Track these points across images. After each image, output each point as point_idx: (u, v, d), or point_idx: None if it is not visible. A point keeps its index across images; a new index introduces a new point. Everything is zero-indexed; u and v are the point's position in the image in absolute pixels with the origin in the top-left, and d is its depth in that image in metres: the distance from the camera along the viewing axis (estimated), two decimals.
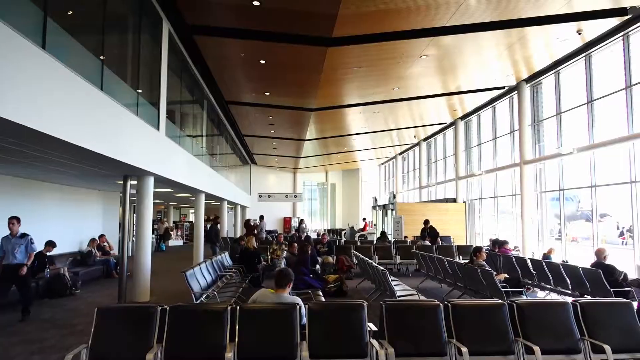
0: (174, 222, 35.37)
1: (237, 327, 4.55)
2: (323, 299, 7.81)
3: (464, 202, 22.22)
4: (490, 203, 20.90)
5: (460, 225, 21.47)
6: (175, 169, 11.79)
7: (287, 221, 36.67)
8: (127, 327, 4.53)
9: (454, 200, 22.87)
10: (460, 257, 14.34)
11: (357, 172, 40.35)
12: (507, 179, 19.10)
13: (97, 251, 14.56)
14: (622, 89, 12.49)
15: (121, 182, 10.86)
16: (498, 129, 19.80)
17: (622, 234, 13.36)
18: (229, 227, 26.93)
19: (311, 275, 10.07)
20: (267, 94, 16.33)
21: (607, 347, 4.45)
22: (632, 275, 10.18)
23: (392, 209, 23.67)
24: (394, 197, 28.11)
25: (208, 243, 17.58)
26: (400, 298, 7.68)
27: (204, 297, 8.06)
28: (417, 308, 5.01)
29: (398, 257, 14.74)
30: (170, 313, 4.61)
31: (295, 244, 11.97)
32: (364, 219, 30.17)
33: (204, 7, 10.15)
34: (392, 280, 8.86)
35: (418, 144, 29.28)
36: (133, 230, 16.15)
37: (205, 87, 15.75)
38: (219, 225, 18.86)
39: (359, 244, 17.28)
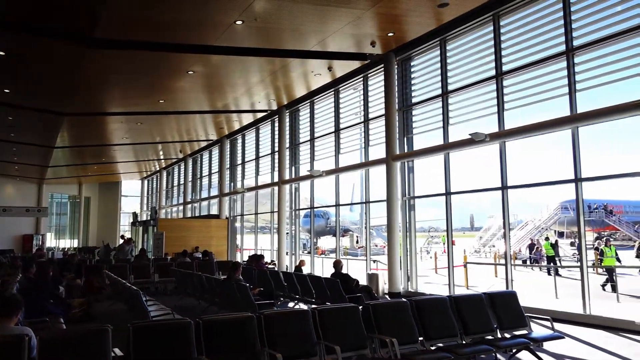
0: None
1: None
2: (64, 327, 6.99)
3: (227, 218, 22.73)
4: (252, 219, 21.87)
5: (222, 241, 21.81)
6: None
7: (27, 239, 31.72)
8: None
9: (217, 217, 23.21)
10: (220, 272, 14.55)
11: (117, 185, 37.62)
12: (267, 197, 20.29)
13: None
14: (361, 122, 14.60)
15: None
16: (261, 149, 20.95)
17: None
18: None
19: (52, 301, 8.90)
20: (7, 91, 14.00)
21: (337, 348, 5.05)
22: (363, 281, 11.86)
23: (154, 225, 22.71)
24: (156, 212, 27.07)
25: None
26: (154, 319, 7.37)
27: None
28: (168, 328, 4.88)
29: (157, 275, 14.16)
30: None
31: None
32: (122, 236, 28.15)
33: None
34: (148, 300, 8.46)
35: (184, 159, 28.91)
36: None
37: None
38: None
39: (113, 262, 16.04)
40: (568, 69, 9.17)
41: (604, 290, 13.63)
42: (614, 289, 12.71)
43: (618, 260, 15.07)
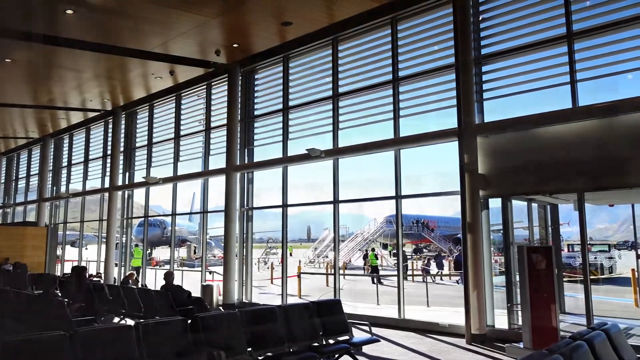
0: None
1: None
2: None
3: (47, 225, 20.38)
4: (77, 227, 19.93)
5: (39, 252, 19.45)
6: None
7: None
8: None
9: (35, 224, 20.67)
10: (34, 287, 12.99)
11: None
12: (96, 203, 18.71)
13: None
14: (203, 131, 14.33)
15: None
16: (91, 152, 19.24)
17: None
18: None
19: None
20: None
21: None
22: (197, 293, 11.56)
23: None
24: None
25: None
26: None
27: None
28: None
29: None
30: None
31: None
32: None
33: None
34: None
35: None
36: None
37: None
38: None
39: None
40: (394, 96, 10.16)
41: None
42: None
43: None
